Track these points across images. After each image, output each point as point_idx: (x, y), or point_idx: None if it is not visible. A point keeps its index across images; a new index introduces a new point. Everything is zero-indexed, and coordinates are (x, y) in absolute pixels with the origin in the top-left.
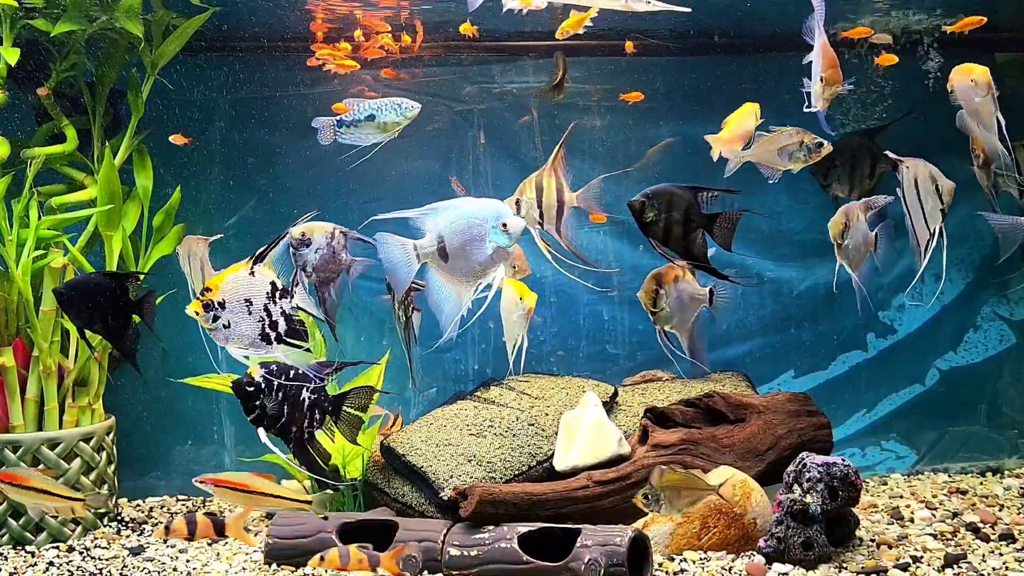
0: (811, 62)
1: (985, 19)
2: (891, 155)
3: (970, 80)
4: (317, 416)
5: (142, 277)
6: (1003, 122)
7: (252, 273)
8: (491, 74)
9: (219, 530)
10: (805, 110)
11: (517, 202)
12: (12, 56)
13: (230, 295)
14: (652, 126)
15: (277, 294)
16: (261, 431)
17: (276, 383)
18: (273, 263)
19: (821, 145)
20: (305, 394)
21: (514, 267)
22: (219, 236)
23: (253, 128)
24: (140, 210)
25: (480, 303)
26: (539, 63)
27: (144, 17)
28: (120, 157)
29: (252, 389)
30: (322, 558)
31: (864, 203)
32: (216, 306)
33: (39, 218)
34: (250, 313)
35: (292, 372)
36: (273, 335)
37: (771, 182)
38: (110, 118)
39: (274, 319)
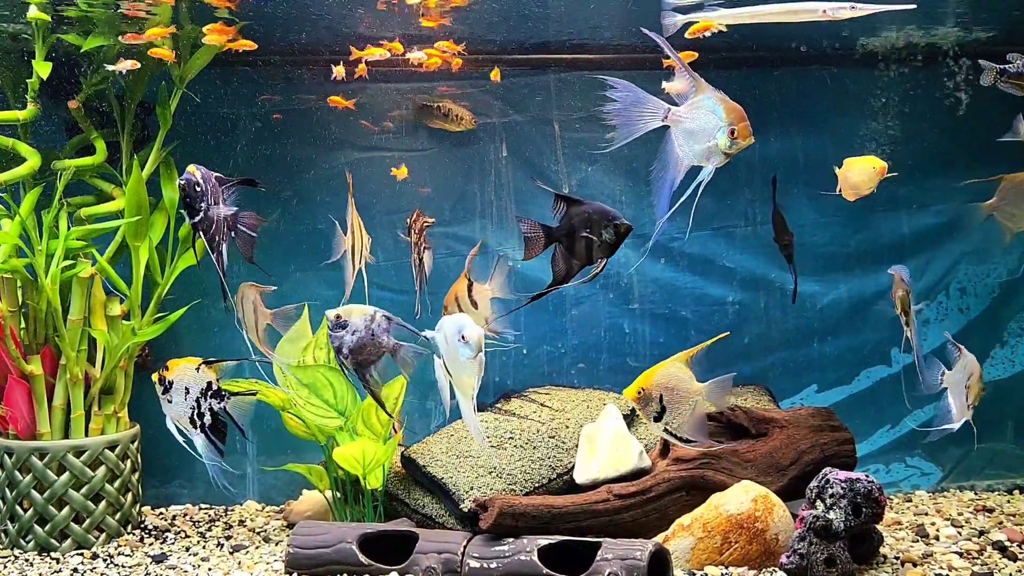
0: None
1: None
2: None
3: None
4: (225, 229)
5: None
6: None
7: (198, 369)
8: (514, 87)
9: None
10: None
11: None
12: (44, 70)
13: (177, 379)
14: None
15: (208, 393)
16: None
17: (211, 190)
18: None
19: None
20: (223, 207)
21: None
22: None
23: (278, 140)
24: (167, 221)
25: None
26: (561, 76)
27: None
28: (148, 169)
29: (199, 190)
30: None
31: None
32: (167, 383)
33: (68, 229)
34: (185, 399)
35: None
36: (199, 424)
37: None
38: (138, 131)
39: (201, 411)
